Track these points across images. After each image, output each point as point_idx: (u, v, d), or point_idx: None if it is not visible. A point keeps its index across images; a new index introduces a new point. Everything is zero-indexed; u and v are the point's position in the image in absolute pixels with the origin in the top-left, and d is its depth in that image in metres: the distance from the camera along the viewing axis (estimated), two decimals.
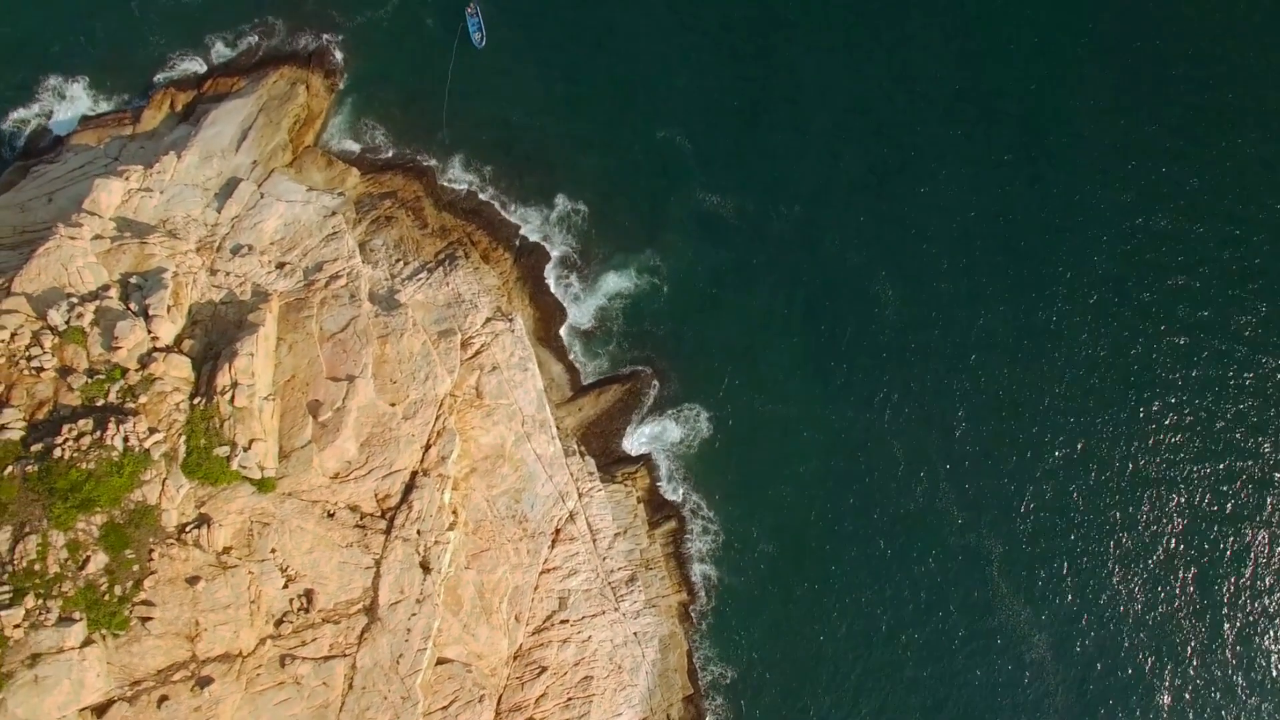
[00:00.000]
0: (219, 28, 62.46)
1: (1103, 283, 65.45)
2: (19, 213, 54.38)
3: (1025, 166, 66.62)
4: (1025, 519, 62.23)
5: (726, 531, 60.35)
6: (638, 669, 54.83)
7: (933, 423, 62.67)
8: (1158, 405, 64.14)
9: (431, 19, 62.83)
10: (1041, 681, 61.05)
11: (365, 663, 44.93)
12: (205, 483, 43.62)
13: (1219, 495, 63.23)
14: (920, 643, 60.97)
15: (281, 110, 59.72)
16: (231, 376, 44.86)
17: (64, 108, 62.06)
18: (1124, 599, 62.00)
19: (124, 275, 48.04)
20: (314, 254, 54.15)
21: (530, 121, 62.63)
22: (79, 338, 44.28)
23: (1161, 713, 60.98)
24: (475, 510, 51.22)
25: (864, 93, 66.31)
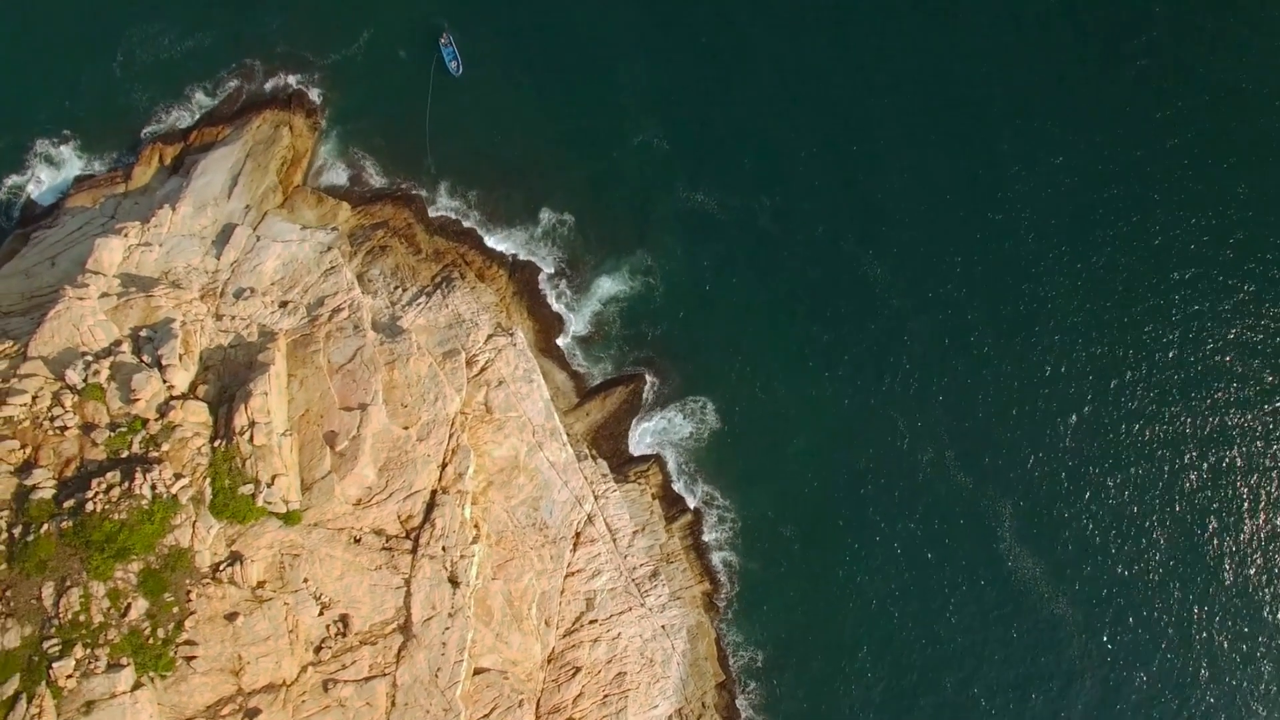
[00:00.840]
0: (199, 77, 63.71)
1: (1096, 248, 66.88)
2: (25, 279, 55.82)
3: (998, 143, 68.05)
4: (1032, 478, 63.69)
5: (743, 518, 61.83)
6: (669, 661, 56.26)
7: (932, 393, 64.14)
8: (1153, 352, 65.68)
9: (404, 50, 64.17)
10: (1067, 637, 62.47)
11: (405, 679, 46.36)
12: (234, 521, 45.02)
13: (1222, 439, 64.71)
14: (944, 610, 62.44)
15: (268, 153, 61.10)
16: (248, 416, 46.26)
17: (56, 171, 63.30)
18: (1139, 546, 63.47)
19: (134, 329, 49.47)
20: (314, 290, 55.55)
21: (511, 140, 63.97)
22: (98, 394, 45.70)
23: (1185, 652, 62.45)
24: (496, 522, 52.68)
25: (831, 82, 67.63)
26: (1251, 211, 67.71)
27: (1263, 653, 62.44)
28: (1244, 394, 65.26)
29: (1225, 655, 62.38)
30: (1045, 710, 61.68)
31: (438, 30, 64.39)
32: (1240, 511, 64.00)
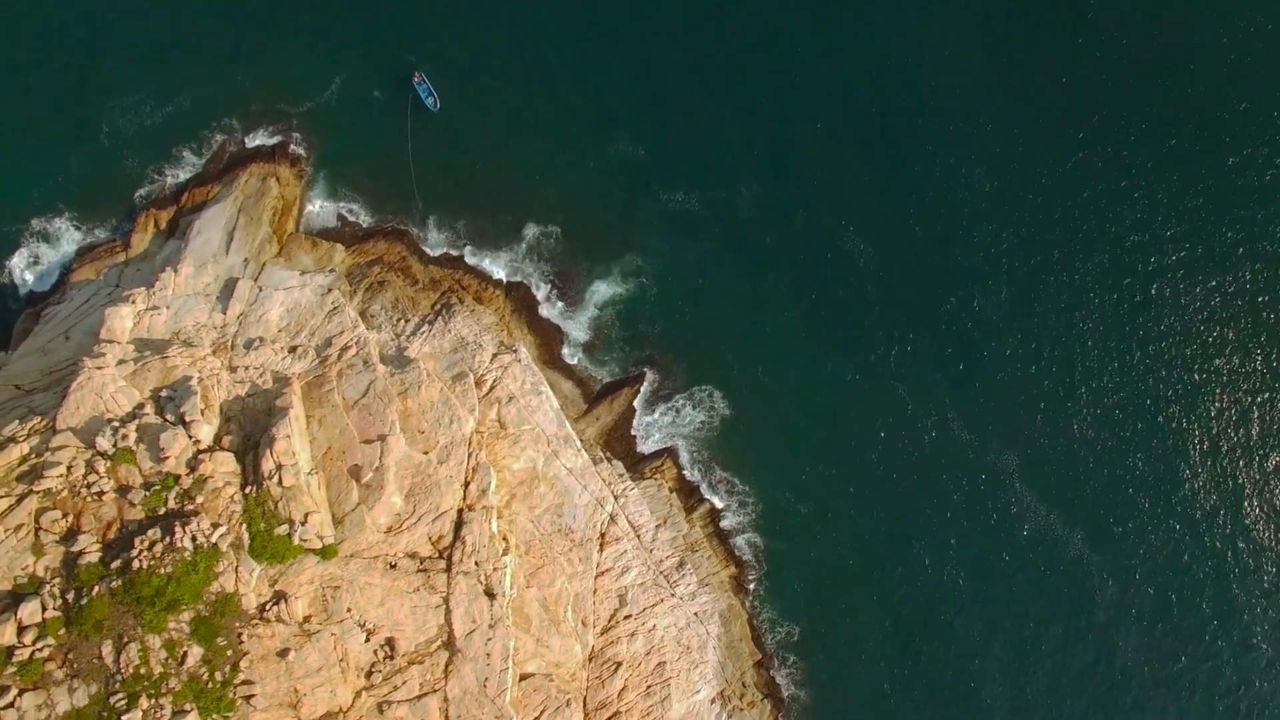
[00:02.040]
0: (183, 139, 65.23)
1: (1083, 206, 68.78)
2: (42, 356, 57.70)
3: (970, 111, 69.91)
4: (1034, 428, 65.51)
5: (761, 500, 63.75)
6: (705, 646, 58.16)
7: (928, 358, 66.01)
8: (1139, 298, 67.50)
9: (378, 90, 65.79)
10: (1086, 577, 64.31)
11: (455, 693, 48.26)
12: (273, 562, 46.93)
13: (1210, 373, 66.57)
14: (966, 565, 64.29)
15: (259, 206, 62.92)
16: (275, 460, 48.15)
17: (56, 248, 64.92)
18: (1144, 481, 65.33)
19: (154, 391, 51.35)
20: (321, 331, 57.43)
21: (492, 165, 65.57)
22: (129, 457, 47.61)
23: (1201, 579, 64.35)
24: (523, 532, 54.59)
25: (793, 69, 69.34)
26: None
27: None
28: (1234, 336, 67.18)
29: (1242, 569, 64.40)
30: (1080, 652, 63.62)
31: (408, 68, 66.01)
32: (1242, 438, 66.01)
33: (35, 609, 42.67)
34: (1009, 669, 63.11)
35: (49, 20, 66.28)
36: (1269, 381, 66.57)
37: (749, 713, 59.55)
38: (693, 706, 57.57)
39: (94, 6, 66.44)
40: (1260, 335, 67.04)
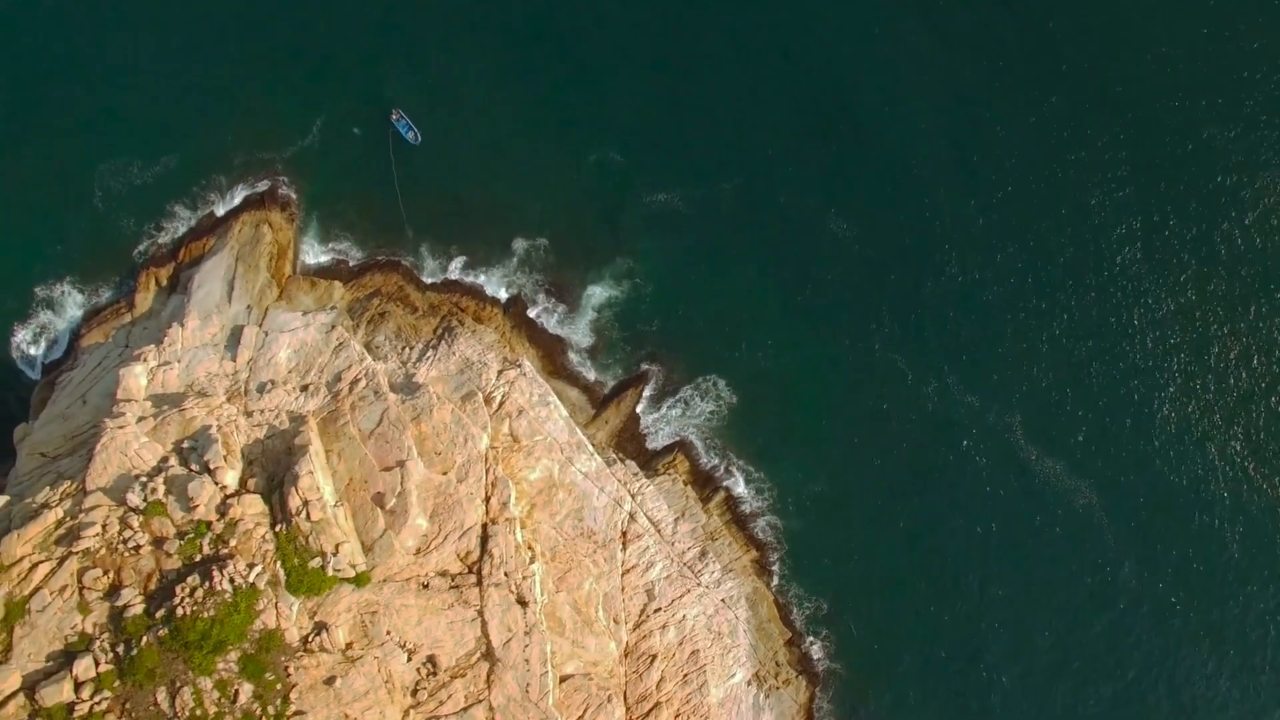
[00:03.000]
0: (175, 196, 66.61)
1: (1057, 156, 70.44)
2: (63, 422, 59.30)
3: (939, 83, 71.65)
4: (1031, 383, 67.03)
5: (775, 483, 65.29)
6: (735, 630, 59.75)
7: (922, 328, 67.54)
8: (1117, 249, 69.06)
9: (358, 128, 67.22)
10: (1098, 524, 65.78)
11: (499, 701, 49.86)
12: (311, 594, 48.54)
13: (1206, 311, 68.18)
14: (982, 524, 65.81)
15: (255, 253, 64.48)
16: (300, 496, 49.77)
17: (63, 315, 66.44)
18: (1144, 421, 66.86)
19: (176, 443, 52.96)
20: (329, 368, 59.00)
21: (477, 187, 67.07)
22: (160, 509, 49.22)
23: (1210, 512, 65.86)
24: (547, 539, 56.19)
25: (755, 66, 70.96)
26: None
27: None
28: (1215, 274, 68.82)
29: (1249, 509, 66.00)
30: (1103, 595, 65.07)
31: (385, 104, 67.41)
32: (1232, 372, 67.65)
33: (89, 665, 44.27)
34: (1027, 613, 64.64)
35: (32, 90, 67.65)
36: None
37: (785, 691, 61.09)
38: (730, 690, 59.19)
39: (73, 74, 67.81)
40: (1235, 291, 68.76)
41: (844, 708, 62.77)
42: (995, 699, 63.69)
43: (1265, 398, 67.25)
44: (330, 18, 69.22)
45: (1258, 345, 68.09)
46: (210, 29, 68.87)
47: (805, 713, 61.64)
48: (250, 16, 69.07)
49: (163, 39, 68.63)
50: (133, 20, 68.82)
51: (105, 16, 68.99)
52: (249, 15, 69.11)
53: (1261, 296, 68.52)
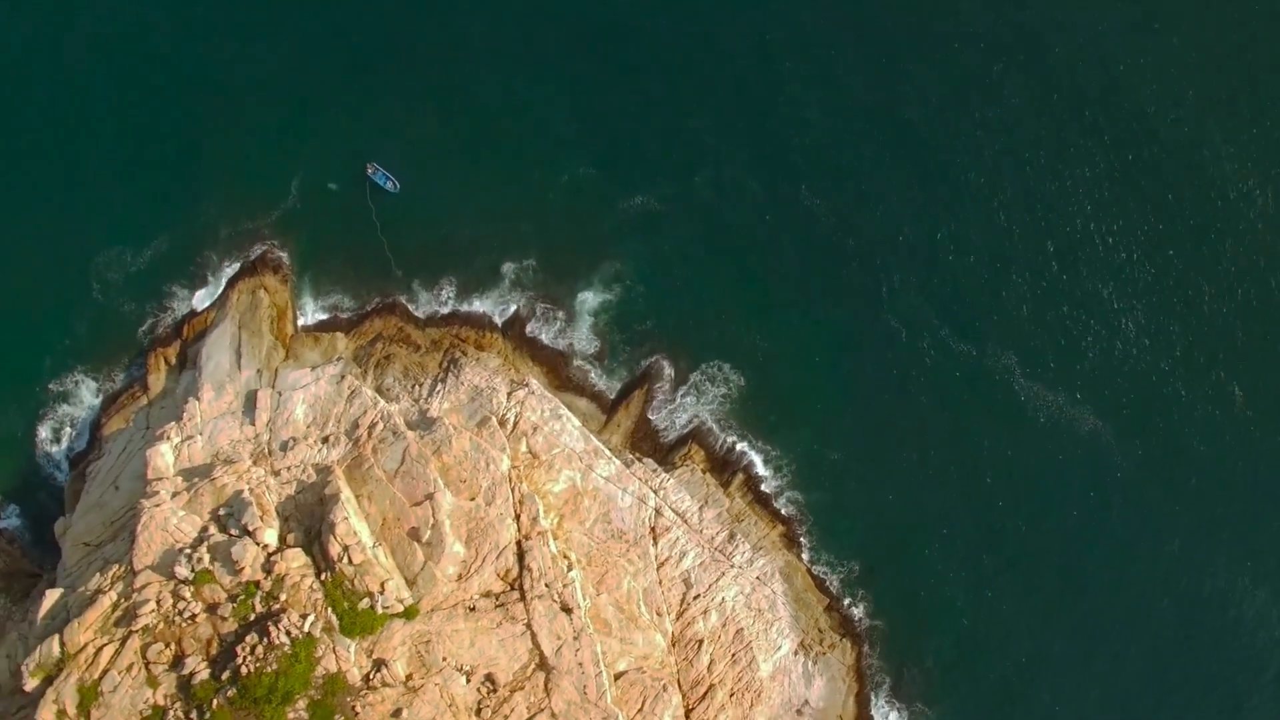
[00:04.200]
0: (171, 276, 68.35)
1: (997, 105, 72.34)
2: (99, 510, 61.27)
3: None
4: (1023, 323, 68.91)
5: (791, 457, 67.23)
6: (774, 605, 61.74)
7: (909, 286, 69.44)
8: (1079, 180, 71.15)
9: (334, 184, 69.01)
10: (1105, 447, 67.71)
11: (560, 706, 51.85)
12: (365, 634, 50.55)
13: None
14: (995, 465, 67.68)
15: (256, 318, 66.38)
16: (339, 543, 51.76)
17: (79, 407, 68.21)
18: (1135, 346, 68.78)
19: (212, 511, 54.97)
20: (346, 417, 60.93)
21: (458, 222, 68.85)
22: (208, 577, 51.23)
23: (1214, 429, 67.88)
24: (580, 546, 58.19)
25: (705, 57, 72.82)
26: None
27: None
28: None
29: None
30: (1120, 519, 67.02)
31: (359, 158, 68.97)
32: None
33: None
34: (1052, 539, 66.75)
35: (13, 193, 69.47)
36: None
37: (832, 655, 63.04)
38: (779, 662, 61.16)
39: (50, 172, 69.50)
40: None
41: (892, 662, 64.83)
42: (1039, 627, 65.82)
43: (1243, 313, 69.37)
44: (292, 83, 70.84)
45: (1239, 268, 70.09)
46: (174, 107, 70.35)
47: (855, 672, 63.60)
48: (212, 91, 70.66)
49: (125, 123, 70.27)
50: (97, 110, 70.46)
51: (69, 111, 70.57)
52: (211, 91, 70.65)
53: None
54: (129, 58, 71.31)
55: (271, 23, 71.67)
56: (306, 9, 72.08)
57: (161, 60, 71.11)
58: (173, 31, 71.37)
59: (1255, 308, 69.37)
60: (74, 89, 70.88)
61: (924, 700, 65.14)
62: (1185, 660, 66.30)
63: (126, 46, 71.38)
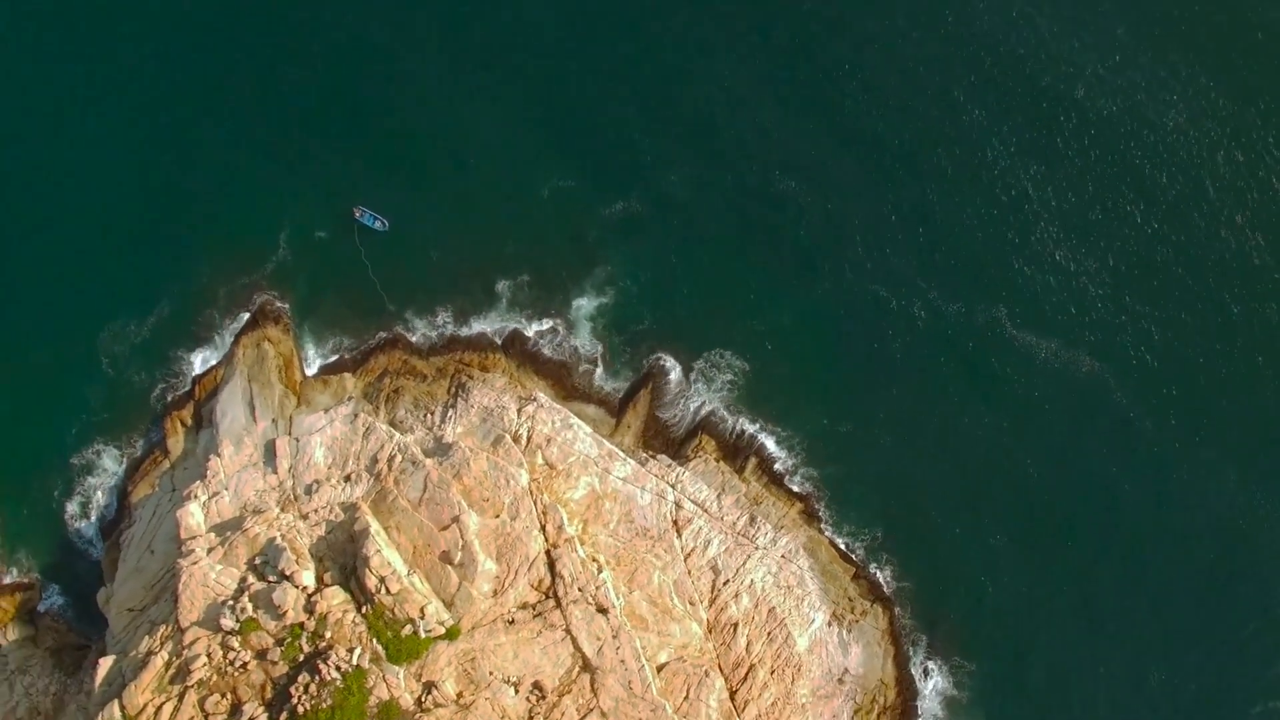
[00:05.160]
0: (175, 342, 69.90)
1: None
2: (139, 575, 62.89)
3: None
4: (1006, 274, 70.47)
5: (801, 435, 68.75)
6: (803, 580, 63.28)
7: (892, 254, 71.00)
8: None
9: (323, 232, 70.61)
10: (1105, 385, 69.14)
11: (608, 704, 53.39)
12: (411, 659, 52.19)
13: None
14: (1000, 414, 69.21)
15: (264, 370, 67.95)
16: (375, 575, 53.34)
17: (103, 478, 69.68)
18: (1127, 275, 70.38)
19: (249, 561, 56.57)
20: (364, 454, 62.52)
21: (447, 249, 70.49)
22: (254, 625, 52.82)
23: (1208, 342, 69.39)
24: (607, 547, 59.74)
25: (661, 65, 74.52)
26: None
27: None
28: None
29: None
30: (1128, 454, 68.67)
31: (343, 201, 70.55)
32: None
33: None
34: (1062, 482, 68.36)
35: (13, 283, 71.10)
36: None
37: (865, 621, 64.57)
38: (814, 635, 62.70)
39: (47, 253, 70.99)
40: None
41: (924, 619, 66.29)
42: (1062, 569, 67.40)
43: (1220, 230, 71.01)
44: (268, 139, 72.39)
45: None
46: (155, 176, 71.67)
47: (890, 635, 65.10)
48: (192, 156, 72.16)
49: (110, 198, 71.56)
50: (82, 189, 71.80)
51: (54, 193, 71.99)
52: (190, 155, 72.15)
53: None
54: (104, 135, 72.71)
55: (240, 84, 73.17)
56: (268, 68, 73.55)
57: (138, 130, 72.54)
58: (144, 102, 72.83)
59: (1243, 227, 70.91)
60: (56, 173, 72.33)
61: (962, 654, 66.52)
62: (1209, 588, 67.70)
63: (99, 124, 72.79)
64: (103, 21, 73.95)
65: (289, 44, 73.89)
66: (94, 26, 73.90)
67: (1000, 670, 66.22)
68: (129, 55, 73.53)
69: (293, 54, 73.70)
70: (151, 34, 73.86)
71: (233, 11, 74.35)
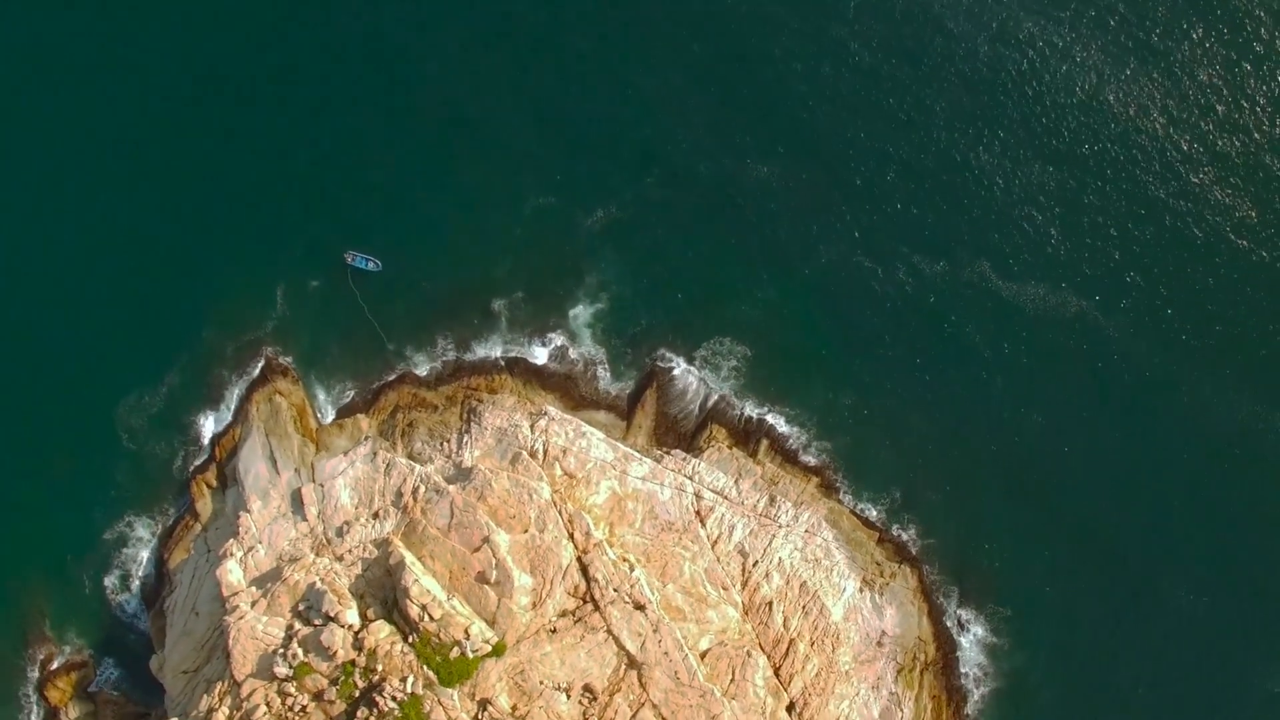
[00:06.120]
0: (190, 408, 71.62)
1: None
2: (187, 637, 64.56)
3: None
4: (983, 228, 71.96)
5: (808, 411, 70.20)
6: (829, 551, 64.87)
7: (870, 223, 72.40)
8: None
9: (316, 281, 72.11)
10: (1095, 322, 70.67)
11: (659, 697, 54.97)
12: (463, 680, 53.84)
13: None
14: (997, 366, 70.72)
15: (279, 423, 69.59)
16: (416, 604, 54.98)
17: (139, 549, 71.40)
18: (1100, 212, 71.96)
19: (293, 608, 58.25)
20: (388, 490, 64.15)
21: (438, 277, 72.11)
22: (307, 669, 54.47)
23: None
24: (636, 546, 61.36)
25: (618, 73, 76.05)
26: None
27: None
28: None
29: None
30: (1124, 385, 70.20)
31: (334, 249, 72.14)
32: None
33: None
34: (1067, 424, 69.76)
35: (22, 370, 72.80)
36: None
37: (895, 583, 66.13)
38: (848, 603, 64.30)
39: (54, 333, 72.71)
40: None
41: (953, 573, 67.73)
42: (1071, 500, 68.90)
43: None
44: (253, 197, 73.91)
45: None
46: (144, 249, 73.24)
47: (921, 593, 66.64)
48: (179, 222, 73.70)
49: (106, 274, 73.11)
50: (76, 269, 73.46)
51: (52, 273, 73.69)
52: (178, 222, 73.71)
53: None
54: (93, 215, 74.27)
55: (220, 147, 74.49)
56: (245, 130, 75.02)
57: (126, 203, 73.98)
58: (130, 174, 74.42)
59: (1208, 148, 72.46)
60: (53, 254, 73.91)
61: (996, 601, 67.95)
62: (1219, 498, 69.20)
63: (84, 203, 74.37)
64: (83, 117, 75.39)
65: (261, 108, 75.40)
66: (80, 112, 75.28)
67: (1036, 611, 67.52)
68: (103, 153, 75.13)
69: (265, 113, 75.25)
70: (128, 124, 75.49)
71: (203, 87, 75.83)
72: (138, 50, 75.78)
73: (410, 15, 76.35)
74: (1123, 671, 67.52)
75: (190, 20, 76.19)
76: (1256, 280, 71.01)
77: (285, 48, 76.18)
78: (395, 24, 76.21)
